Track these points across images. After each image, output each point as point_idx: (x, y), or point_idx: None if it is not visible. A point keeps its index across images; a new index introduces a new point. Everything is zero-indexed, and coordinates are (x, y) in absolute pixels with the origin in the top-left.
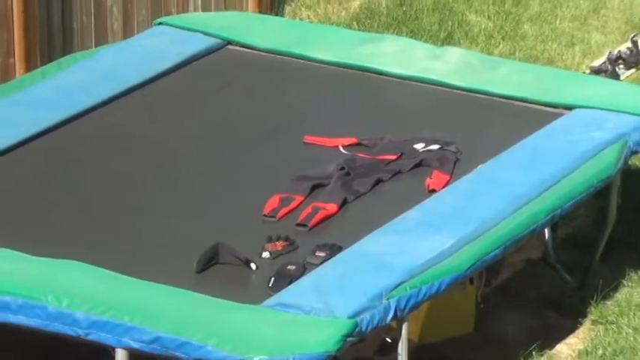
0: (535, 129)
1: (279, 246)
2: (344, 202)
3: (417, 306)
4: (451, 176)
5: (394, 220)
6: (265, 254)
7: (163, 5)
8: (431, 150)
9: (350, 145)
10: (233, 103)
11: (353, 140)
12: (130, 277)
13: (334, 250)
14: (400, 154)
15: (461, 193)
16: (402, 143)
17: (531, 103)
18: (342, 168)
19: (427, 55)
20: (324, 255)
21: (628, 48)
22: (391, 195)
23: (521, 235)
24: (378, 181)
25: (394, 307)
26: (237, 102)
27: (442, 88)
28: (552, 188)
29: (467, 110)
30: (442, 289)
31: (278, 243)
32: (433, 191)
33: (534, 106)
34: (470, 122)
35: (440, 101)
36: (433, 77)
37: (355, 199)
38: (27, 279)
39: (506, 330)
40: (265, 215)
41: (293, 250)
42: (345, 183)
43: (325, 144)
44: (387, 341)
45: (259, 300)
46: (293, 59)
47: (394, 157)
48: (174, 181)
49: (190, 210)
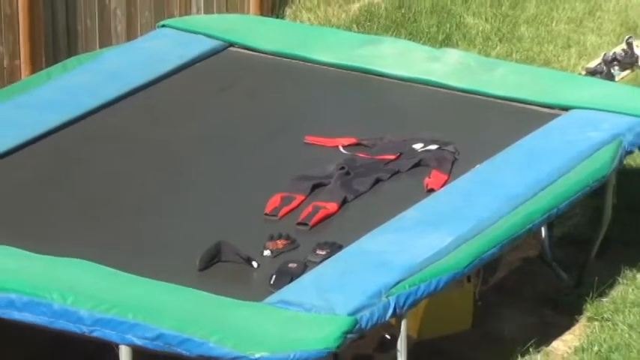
0: (531, 129)
1: (280, 244)
2: (344, 202)
3: (416, 303)
4: (449, 176)
5: (393, 219)
6: (267, 252)
7: (166, 8)
8: (429, 150)
9: (350, 146)
10: (235, 104)
11: (353, 140)
12: (134, 275)
13: (334, 249)
14: (399, 154)
15: (459, 193)
16: (401, 143)
17: (528, 104)
18: (342, 168)
19: (426, 57)
20: (325, 253)
21: (623, 50)
22: (390, 194)
23: (517, 234)
24: (378, 181)
25: (393, 305)
26: (239, 103)
27: (440, 90)
28: (548, 188)
29: (465, 111)
30: (440, 287)
31: (279, 241)
32: (432, 190)
33: (531, 107)
34: (468, 123)
35: (438, 102)
36: (432, 78)
37: (355, 199)
38: (32, 277)
39: (503, 327)
40: (267, 214)
41: (294, 249)
42: (345, 182)
43: (325, 144)
44: (387, 338)
45: (261, 297)
46: (294, 61)
47: (393, 157)
48: (177, 181)
49: (193, 209)
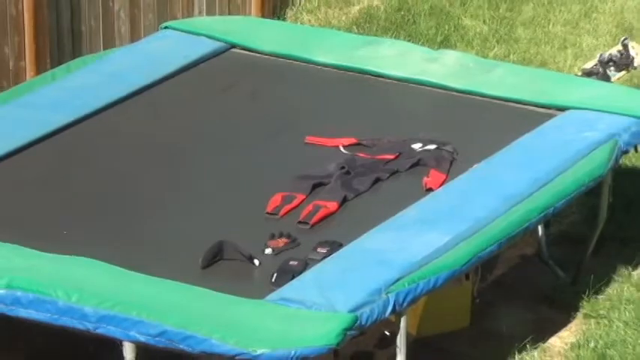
0: (529, 129)
1: (281, 243)
2: (344, 200)
3: (415, 301)
4: (447, 175)
5: (393, 218)
6: (268, 251)
7: (169, 10)
8: (428, 150)
9: (350, 145)
10: (237, 105)
11: (353, 140)
12: (138, 273)
13: (335, 247)
14: (398, 154)
15: (457, 192)
16: (401, 143)
17: (525, 105)
18: (343, 167)
19: (424, 58)
20: (325, 251)
21: (618, 51)
22: (390, 193)
23: (515, 232)
24: (377, 180)
25: (393, 302)
26: (240, 103)
27: (439, 90)
28: (545, 187)
29: (463, 111)
30: (439, 285)
31: (280, 240)
32: (430, 190)
33: (528, 107)
34: (466, 123)
35: (437, 102)
36: (430, 79)
37: (355, 198)
38: (38, 274)
39: (500, 324)
40: (268, 213)
41: (295, 247)
42: (345, 182)
43: (326, 144)
44: (386, 334)
45: (262, 295)
46: (295, 62)
47: (393, 157)
48: (180, 181)
49: (196, 208)
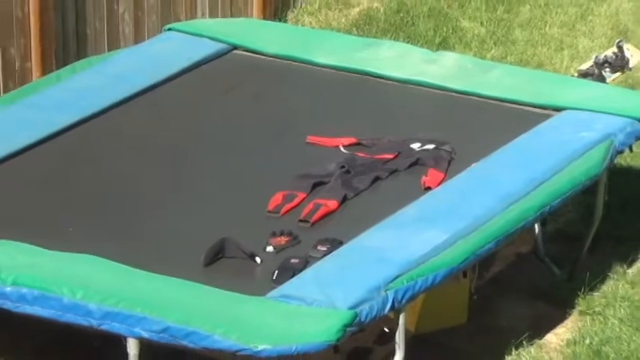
0: (526, 129)
1: (282, 241)
2: (344, 199)
3: (414, 298)
4: (446, 174)
5: (392, 216)
6: (269, 248)
7: (173, 12)
8: (427, 149)
9: (350, 145)
10: (239, 106)
11: (353, 140)
12: (141, 270)
13: (335, 245)
14: (397, 154)
15: (455, 191)
16: (400, 143)
17: (522, 105)
18: (343, 166)
19: (423, 60)
20: (326, 249)
21: (614, 52)
22: (389, 192)
23: (512, 230)
24: (377, 179)
25: (392, 299)
26: (242, 104)
27: (438, 91)
28: (542, 185)
29: (461, 112)
30: (437, 282)
31: (281, 238)
32: (429, 189)
33: (525, 108)
34: (464, 123)
35: (435, 103)
36: (429, 80)
37: (355, 196)
38: (43, 272)
39: (498, 320)
40: (269, 211)
41: (296, 245)
42: (345, 181)
43: (326, 144)
44: (386, 331)
45: (264, 292)
46: (296, 63)
47: (392, 157)
48: (183, 180)
49: (198, 207)
